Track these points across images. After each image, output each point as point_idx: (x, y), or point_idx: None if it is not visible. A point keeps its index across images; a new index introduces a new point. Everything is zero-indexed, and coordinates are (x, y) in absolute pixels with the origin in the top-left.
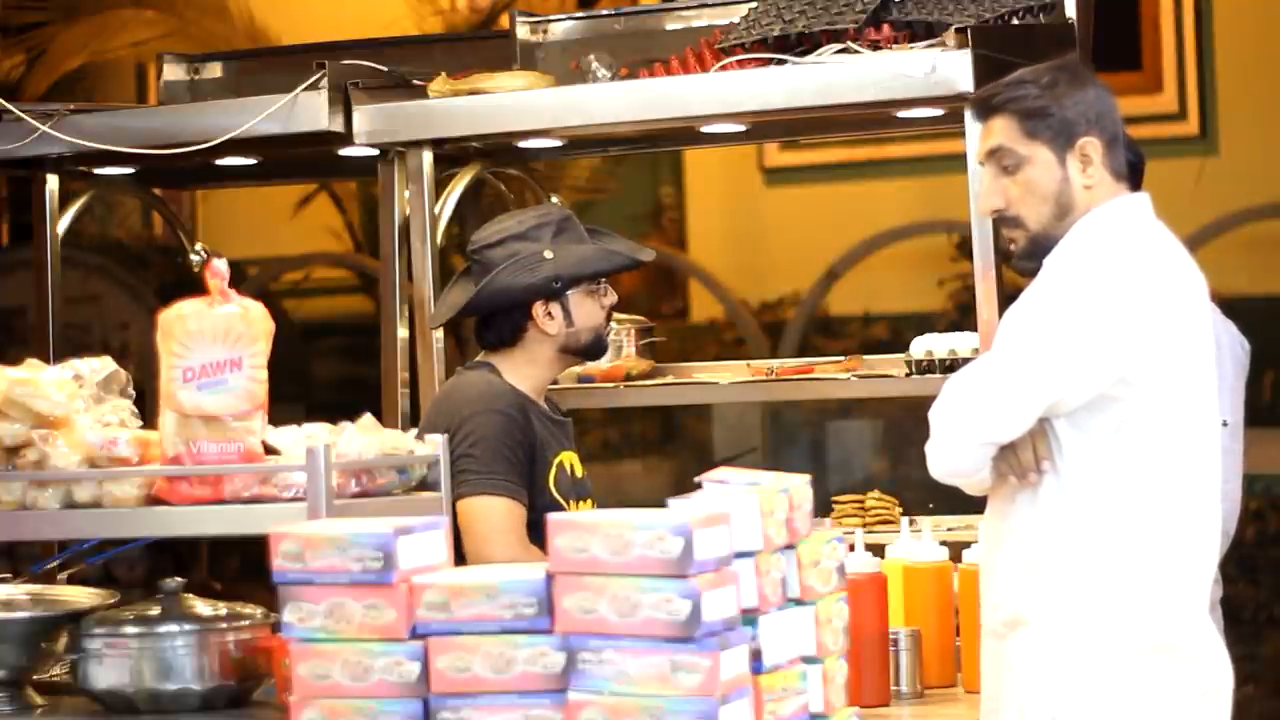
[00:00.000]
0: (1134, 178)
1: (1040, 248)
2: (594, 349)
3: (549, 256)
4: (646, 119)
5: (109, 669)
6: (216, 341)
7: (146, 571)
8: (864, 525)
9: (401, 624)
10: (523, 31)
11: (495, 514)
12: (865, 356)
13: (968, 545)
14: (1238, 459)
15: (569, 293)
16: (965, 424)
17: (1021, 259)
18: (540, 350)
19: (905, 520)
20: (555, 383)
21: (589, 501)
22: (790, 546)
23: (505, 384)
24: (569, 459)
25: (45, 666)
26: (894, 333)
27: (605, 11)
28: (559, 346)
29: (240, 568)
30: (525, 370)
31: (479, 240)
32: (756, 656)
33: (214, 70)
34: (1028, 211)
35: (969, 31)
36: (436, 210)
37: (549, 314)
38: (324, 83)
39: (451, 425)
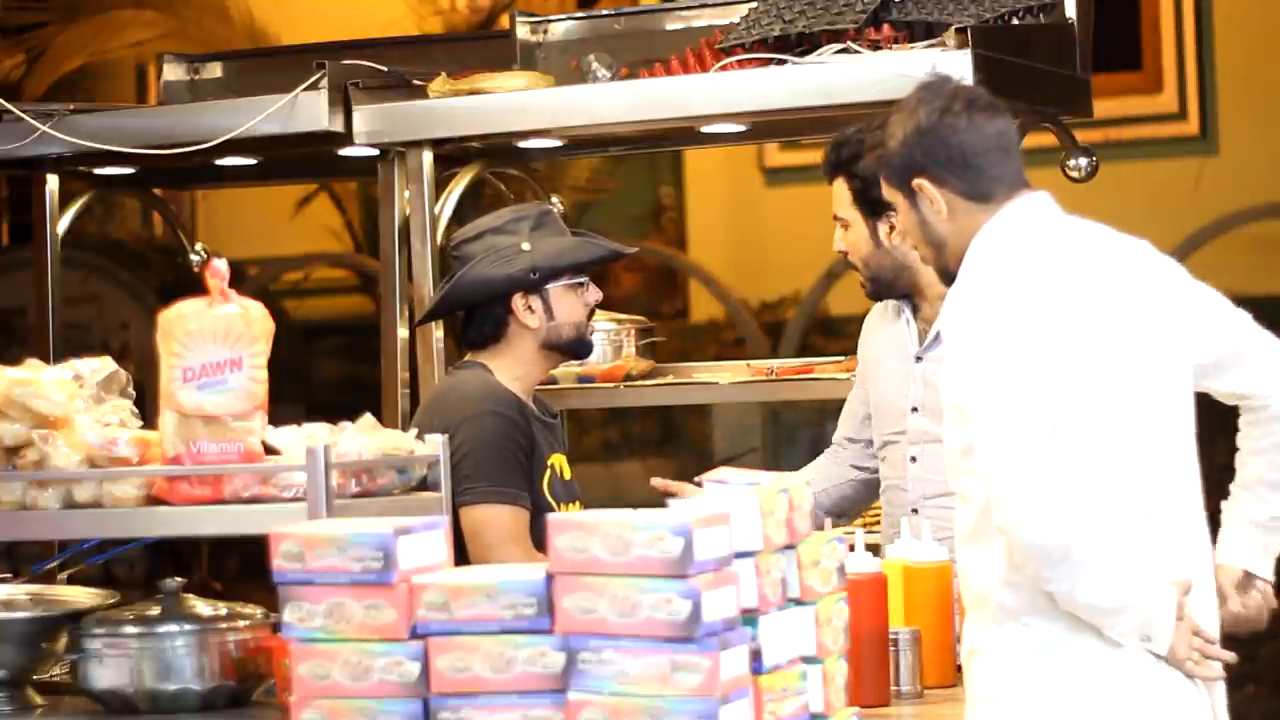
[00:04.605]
0: None
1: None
2: (577, 346)
3: (526, 248)
4: (646, 119)
5: (109, 669)
6: (216, 341)
7: (146, 571)
8: (864, 525)
9: (401, 624)
10: (523, 31)
11: (500, 524)
12: None
13: None
14: None
15: (549, 287)
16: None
17: None
18: (524, 347)
19: (905, 520)
20: (554, 382)
21: (577, 503)
22: (790, 546)
23: (501, 384)
24: (559, 461)
25: (45, 666)
26: None
27: (605, 11)
28: (541, 342)
29: (240, 568)
30: (513, 369)
31: (457, 237)
32: (756, 656)
33: (214, 70)
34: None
35: (969, 31)
36: (436, 210)
37: (529, 307)
38: (324, 83)
39: (450, 426)
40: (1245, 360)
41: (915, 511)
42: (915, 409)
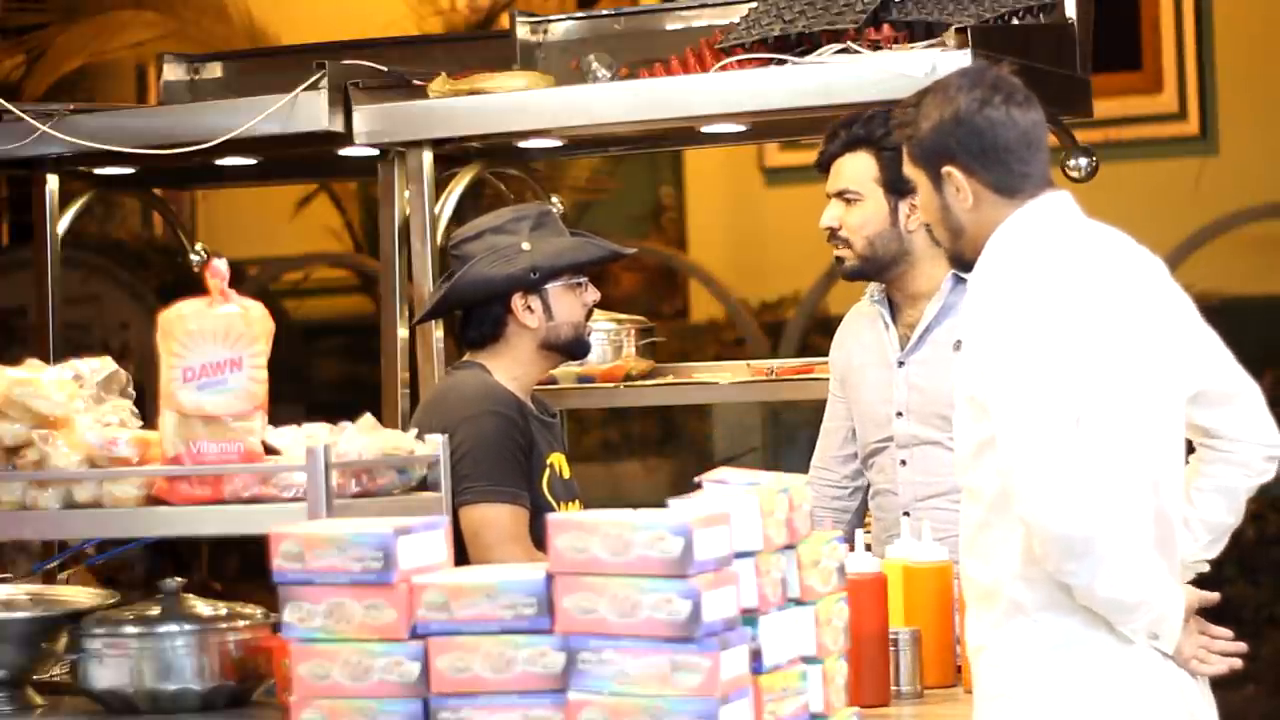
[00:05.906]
0: None
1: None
2: (575, 346)
3: (526, 248)
4: (646, 119)
5: (109, 669)
6: (216, 341)
7: (146, 571)
8: (864, 525)
9: (401, 624)
10: (523, 31)
11: (500, 523)
12: None
13: None
14: None
15: (549, 286)
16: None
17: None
18: (523, 346)
19: (905, 520)
20: (554, 381)
21: (577, 502)
22: (790, 546)
23: (499, 384)
24: (559, 460)
25: (45, 666)
26: None
27: (605, 11)
28: (540, 342)
29: (240, 568)
30: (512, 369)
31: (457, 236)
32: (756, 656)
33: (214, 70)
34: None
35: (969, 31)
36: (436, 210)
37: (528, 307)
38: (324, 83)
39: (449, 426)
40: (1235, 403)
41: (907, 514)
42: (900, 414)
